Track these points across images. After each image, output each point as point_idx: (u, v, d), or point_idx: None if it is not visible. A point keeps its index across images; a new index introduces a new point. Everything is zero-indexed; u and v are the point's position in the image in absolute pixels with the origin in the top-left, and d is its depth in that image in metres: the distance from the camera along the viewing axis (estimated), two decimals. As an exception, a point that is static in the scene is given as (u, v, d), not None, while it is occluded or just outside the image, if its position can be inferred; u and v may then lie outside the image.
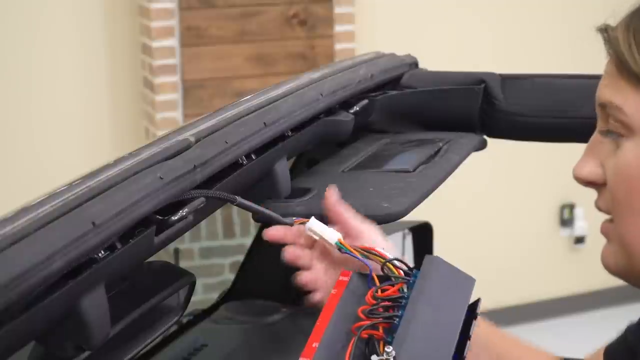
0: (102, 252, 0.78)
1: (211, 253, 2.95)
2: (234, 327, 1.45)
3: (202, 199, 0.90)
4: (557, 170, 3.76)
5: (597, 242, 1.02)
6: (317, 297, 0.97)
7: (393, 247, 0.97)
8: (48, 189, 0.79)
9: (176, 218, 0.86)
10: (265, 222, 0.99)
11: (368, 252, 0.91)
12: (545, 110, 1.31)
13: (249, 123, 1.00)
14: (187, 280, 0.94)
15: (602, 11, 3.37)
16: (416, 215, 1.12)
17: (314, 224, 0.95)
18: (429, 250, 1.63)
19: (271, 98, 1.09)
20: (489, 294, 4.10)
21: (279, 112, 1.05)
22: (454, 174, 1.20)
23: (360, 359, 0.79)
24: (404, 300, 0.83)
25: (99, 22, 3.08)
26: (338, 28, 3.14)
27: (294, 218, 0.97)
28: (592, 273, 3.88)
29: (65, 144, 3.11)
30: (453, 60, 2.19)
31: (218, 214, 2.85)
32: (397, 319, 0.81)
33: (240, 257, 1.69)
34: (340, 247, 0.93)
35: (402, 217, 1.05)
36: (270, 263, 0.83)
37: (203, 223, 0.87)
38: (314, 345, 0.81)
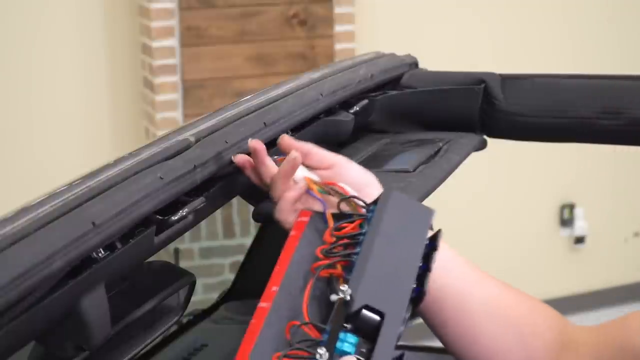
0: (102, 252, 0.78)
1: (211, 253, 2.95)
2: (234, 327, 1.46)
3: (202, 199, 0.90)
4: (557, 170, 3.77)
5: (597, 242, 1.02)
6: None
7: (370, 176, 0.95)
8: (48, 189, 0.79)
9: (176, 218, 0.86)
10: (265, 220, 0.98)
11: (330, 188, 0.90)
12: (545, 110, 1.31)
13: (249, 123, 1.00)
14: (187, 280, 0.94)
15: (602, 11, 3.42)
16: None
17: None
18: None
19: (271, 98, 1.09)
20: (489, 294, 4.06)
21: (279, 112, 1.05)
22: (454, 174, 1.20)
23: (321, 299, 0.79)
24: (362, 237, 0.82)
25: (99, 22, 3.08)
26: (338, 28, 3.14)
27: (276, 157, 0.95)
28: (592, 273, 3.89)
29: (65, 144, 3.11)
30: (453, 60, 2.19)
31: (218, 214, 2.85)
32: (355, 256, 0.80)
33: (240, 257, 1.69)
34: (304, 184, 0.91)
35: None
36: (270, 263, 0.83)
37: (203, 223, 0.87)
38: (273, 289, 0.80)
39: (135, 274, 0.89)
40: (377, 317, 0.74)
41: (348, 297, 0.75)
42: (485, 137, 1.36)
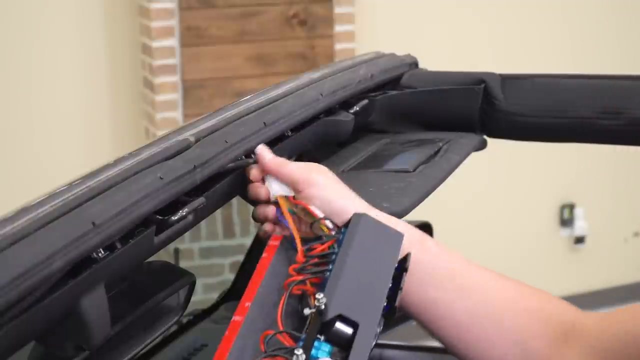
0: (102, 252, 0.78)
1: (211, 253, 2.95)
2: (234, 327, 1.45)
3: (202, 199, 0.90)
4: (557, 170, 3.77)
5: (597, 242, 1.02)
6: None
7: (345, 190, 0.94)
8: (48, 189, 0.79)
9: (176, 218, 0.86)
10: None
11: (300, 209, 0.91)
12: (545, 110, 1.30)
13: (249, 123, 1.00)
14: (187, 280, 0.94)
15: (602, 11, 3.41)
16: (416, 215, 1.12)
17: (269, 180, 0.95)
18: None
19: (271, 98, 1.09)
20: (489, 294, 4.06)
21: (279, 112, 1.05)
22: (454, 174, 1.20)
23: (294, 315, 0.80)
24: (333, 256, 0.84)
25: (99, 22, 3.08)
26: (338, 28, 3.14)
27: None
28: (592, 273, 3.89)
29: (65, 144, 3.12)
30: (453, 60, 2.19)
31: (218, 214, 2.85)
32: (328, 273, 0.82)
33: (240, 257, 1.69)
34: (275, 203, 0.93)
35: (402, 217, 1.05)
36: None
37: (203, 223, 0.87)
38: (246, 304, 0.82)
39: (135, 274, 0.89)
40: (350, 329, 0.76)
41: (323, 306, 0.76)
42: (485, 137, 1.36)
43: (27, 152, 3.09)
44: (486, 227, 3.66)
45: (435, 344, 0.99)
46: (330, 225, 0.89)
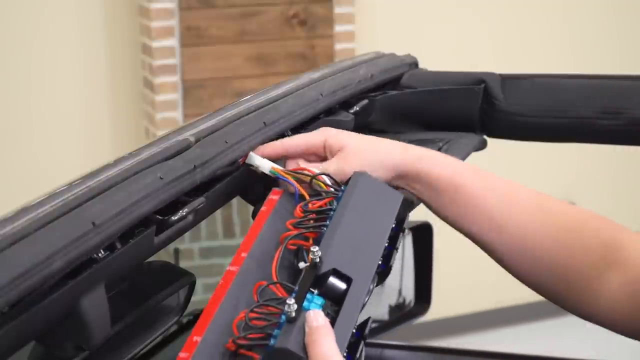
0: (102, 252, 0.78)
1: (211, 253, 2.94)
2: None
3: (202, 199, 0.90)
4: (557, 170, 3.77)
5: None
6: None
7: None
8: (48, 189, 0.79)
9: (176, 218, 0.86)
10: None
11: (299, 173, 0.92)
12: (545, 110, 1.31)
13: (249, 123, 1.00)
14: (187, 280, 0.94)
15: (602, 11, 3.41)
16: (416, 215, 1.12)
17: (251, 157, 0.96)
18: (429, 250, 1.63)
19: (271, 98, 1.08)
20: (489, 294, 4.12)
21: (279, 112, 1.05)
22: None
23: (289, 269, 0.80)
24: (331, 212, 0.85)
25: (99, 22, 3.08)
26: (338, 28, 3.14)
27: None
28: (592, 273, 3.88)
29: (65, 144, 3.12)
30: (453, 60, 2.19)
31: (218, 214, 2.85)
32: (324, 229, 0.83)
33: (240, 257, 1.68)
34: (272, 173, 0.93)
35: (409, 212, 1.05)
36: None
37: (203, 223, 0.87)
38: (242, 255, 0.82)
39: (135, 274, 0.89)
40: (344, 284, 0.77)
41: (318, 259, 0.77)
42: (485, 137, 1.36)
43: (27, 152, 3.09)
44: (486, 227, 3.65)
45: (436, 344, 0.99)
46: (328, 181, 0.89)
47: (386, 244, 0.86)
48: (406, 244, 1.64)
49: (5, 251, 0.68)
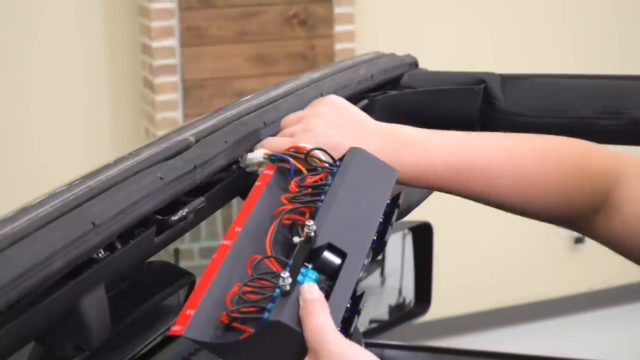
0: (102, 252, 0.78)
1: (211, 253, 2.94)
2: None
3: (202, 199, 0.90)
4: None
5: (597, 243, 1.02)
6: None
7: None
8: (48, 189, 0.79)
9: (176, 218, 0.86)
10: None
11: (295, 151, 0.91)
12: (545, 110, 1.30)
13: (249, 123, 1.00)
14: (187, 280, 0.94)
15: (602, 11, 3.41)
16: (416, 215, 1.12)
17: (243, 158, 0.95)
18: (429, 250, 1.63)
19: (271, 98, 1.09)
20: (489, 294, 4.11)
21: (279, 112, 1.05)
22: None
23: (284, 243, 0.80)
24: (326, 187, 0.85)
25: (99, 22, 3.08)
26: (338, 28, 3.14)
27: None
28: (592, 273, 3.89)
29: (65, 144, 3.12)
30: (453, 60, 2.19)
31: (218, 214, 2.85)
32: (319, 204, 0.82)
33: (240, 257, 1.68)
34: (267, 157, 0.92)
35: (402, 218, 1.05)
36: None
37: (203, 223, 0.87)
38: (236, 229, 0.82)
39: (135, 274, 0.89)
40: (339, 258, 0.76)
41: (312, 233, 0.77)
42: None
43: (27, 152, 3.09)
44: (486, 227, 3.65)
45: (435, 344, 0.99)
46: (322, 157, 0.89)
47: (381, 220, 0.86)
48: (406, 244, 1.64)
49: (5, 251, 0.68)
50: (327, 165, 0.88)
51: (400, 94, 1.35)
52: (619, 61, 3.59)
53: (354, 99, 1.27)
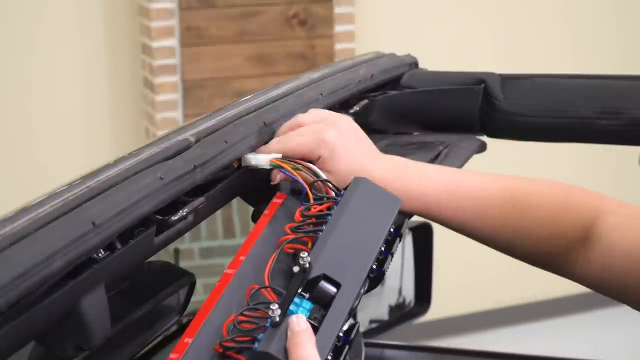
0: (102, 252, 0.78)
1: (211, 253, 2.94)
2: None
3: (202, 199, 0.90)
4: (557, 170, 3.76)
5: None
6: None
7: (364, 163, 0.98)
8: (48, 189, 0.79)
9: (176, 218, 0.86)
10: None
11: (303, 167, 0.93)
12: (545, 110, 1.30)
13: (249, 123, 1.00)
14: (187, 280, 0.94)
15: (602, 11, 3.41)
16: (416, 215, 1.12)
17: (246, 158, 0.96)
18: (429, 250, 1.63)
19: (271, 98, 1.08)
20: (489, 294, 4.11)
21: (279, 112, 1.05)
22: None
23: (285, 272, 0.82)
24: (329, 217, 0.86)
25: (99, 22, 3.08)
26: (338, 28, 3.14)
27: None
28: (592, 273, 3.88)
29: (65, 144, 3.12)
30: (453, 60, 2.19)
31: (218, 214, 2.85)
32: (321, 233, 0.84)
33: (240, 257, 1.68)
34: (274, 166, 0.94)
35: (409, 219, 1.05)
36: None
37: (203, 223, 0.87)
38: (240, 258, 0.83)
39: (135, 274, 0.89)
40: (333, 288, 0.78)
41: (307, 265, 0.78)
42: (485, 140, 1.36)
43: (27, 152, 3.09)
44: (486, 227, 3.65)
45: (435, 344, 1.00)
46: (331, 186, 0.91)
47: (382, 248, 0.87)
48: (406, 244, 1.64)
49: (5, 251, 0.68)
50: (333, 195, 0.90)
51: (400, 94, 1.35)
52: (619, 61, 3.59)
53: (354, 99, 1.27)
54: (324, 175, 0.92)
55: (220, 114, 1.01)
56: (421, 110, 1.35)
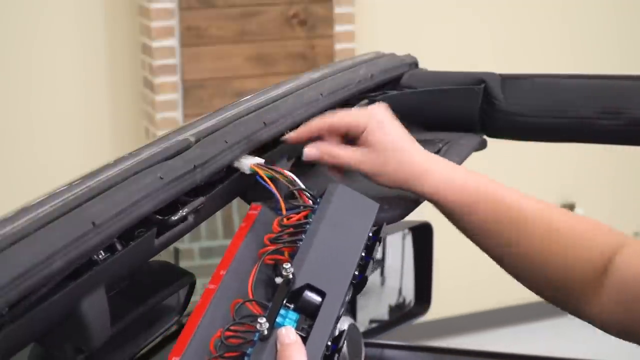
0: (103, 254, 0.78)
1: (211, 253, 2.94)
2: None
3: (202, 199, 0.90)
4: (557, 170, 3.77)
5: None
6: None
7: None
8: (48, 189, 0.79)
9: (176, 218, 0.86)
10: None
11: (280, 174, 0.93)
12: (545, 110, 1.30)
13: (249, 123, 1.00)
14: (187, 280, 0.94)
15: (602, 11, 3.41)
16: (416, 215, 1.12)
17: (239, 161, 0.96)
18: (429, 250, 1.63)
19: (271, 98, 1.08)
20: (489, 294, 4.11)
21: (279, 112, 1.05)
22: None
23: (267, 284, 0.81)
24: (307, 226, 0.86)
25: (99, 22, 3.08)
26: (338, 28, 3.14)
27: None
28: (592, 273, 3.88)
29: (65, 144, 3.11)
30: (453, 60, 2.19)
31: (218, 214, 2.85)
32: (300, 243, 0.84)
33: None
34: (253, 172, 0.94)
35: (402, 219, 1.05)
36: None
37: (203, 223, 0.87)
38: (221, 272, 0.83)
39: (135, 274, 0.89)
40: (318, 298, 0.78)
41: (291, 276, 0.78)
42: (485, 137, 1.36)
43: (27, 152, 3.09)
44: (486, 227, 3.65)
45: (435, 344, 1.00)
46: (307, 194, 0.91)
47: (363, 254, 0.87)
48: (406, 244, 1.64)
49: (5, 251, 0.68)
50: (310, 203, 0.90)
51: (400, 94, 1.35)
52: (619, 61, 3.59)
53: (354, 99, 1.27)
54: (301, 184, 0.92)
55: (220, 114, 1.01)
56: (421, 110, 1.35)
